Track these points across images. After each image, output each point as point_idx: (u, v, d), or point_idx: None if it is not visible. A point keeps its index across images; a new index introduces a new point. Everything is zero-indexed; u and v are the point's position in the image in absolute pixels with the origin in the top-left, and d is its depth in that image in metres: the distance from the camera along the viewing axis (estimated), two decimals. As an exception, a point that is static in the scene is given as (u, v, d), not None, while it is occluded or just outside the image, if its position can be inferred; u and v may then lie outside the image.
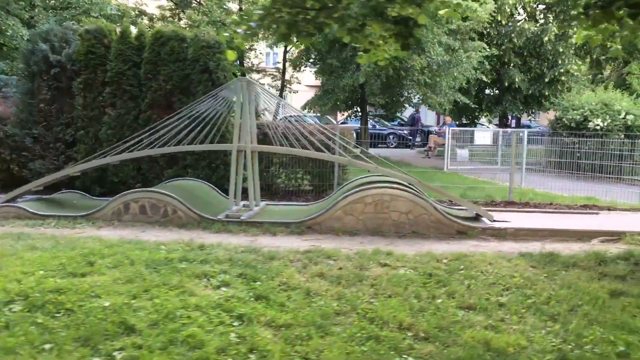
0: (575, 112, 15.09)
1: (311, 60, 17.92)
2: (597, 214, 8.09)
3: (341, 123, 24.97)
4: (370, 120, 24.83)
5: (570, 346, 3.72)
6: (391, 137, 24.53)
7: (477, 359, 3.55)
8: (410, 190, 6.97)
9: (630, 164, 11.63)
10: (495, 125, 25.04)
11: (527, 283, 4.76)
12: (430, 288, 4.68)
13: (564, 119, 15.28)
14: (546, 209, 8.56)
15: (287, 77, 20.39)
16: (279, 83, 20.22)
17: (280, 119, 12.27)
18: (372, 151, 18.06)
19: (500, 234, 6.58)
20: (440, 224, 6.75)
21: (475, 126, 23.35)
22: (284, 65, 19.57)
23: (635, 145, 11.95)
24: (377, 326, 3.97)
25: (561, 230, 6.64)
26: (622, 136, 13.79)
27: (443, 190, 7.84)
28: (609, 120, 14.52)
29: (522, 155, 12.81)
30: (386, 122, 26.31)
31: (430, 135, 20.43)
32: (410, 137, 23.99)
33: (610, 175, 11.64)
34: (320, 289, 4.62)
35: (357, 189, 6.97)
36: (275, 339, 3.75)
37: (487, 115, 23.45)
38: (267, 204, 8.34)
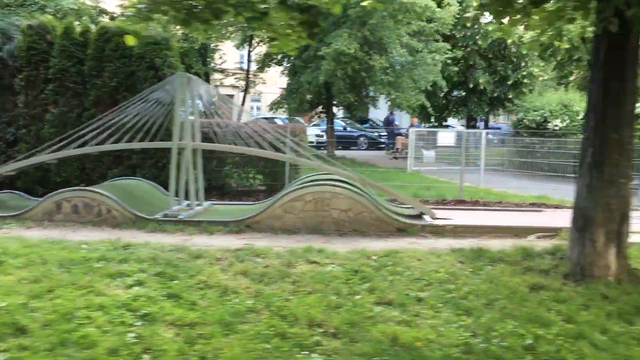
0: (536, 113, 15.27)
1: (275, 61, 17.78)
2: (541, 211, 8.14)
3: (313, 125, 24.90)
4: (342, 122, 24.81)
5: (478, 339, 3.66)
6: (362, 139, 24.57)
7: (382, 353, 3.47)
8: (352, 188, 6.88)
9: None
10: (463, 126, 25.24)
11: (450, 278, 4.71)
12: (353, 284, 4.59)
13: (524, 120, 15.46)
14: (494, 207, 8.58)
15: (253, 78, 20.17)
16: (243, 83, 20.00)
17: (252, 120, 12.09)
18: (342, 153, 18.09)
19: (439, 231, 6.54)
20: (381, 222, 6.68)
21: (446, 127, 23.50)
22: (248, 65, 19.39)
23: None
24: (288, 323, 3.86)
25: (500, 227, 6.63)
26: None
27: (388, 188, 7.78)
28: (568, 121, 14.74)
29: (481, 156, 12.92)
30: (358, 125, 26.36)
31: (397, 136, 20.47)
32: (385, 140, 24.04)
33: (569, 175, 11.76)
34: (239, 286, 4.49)
35: (298, 187, 6.86)
36: (176, 338, 3.60)
37: (456, 116, 23.57)
38: (213, 204, 8.16)
